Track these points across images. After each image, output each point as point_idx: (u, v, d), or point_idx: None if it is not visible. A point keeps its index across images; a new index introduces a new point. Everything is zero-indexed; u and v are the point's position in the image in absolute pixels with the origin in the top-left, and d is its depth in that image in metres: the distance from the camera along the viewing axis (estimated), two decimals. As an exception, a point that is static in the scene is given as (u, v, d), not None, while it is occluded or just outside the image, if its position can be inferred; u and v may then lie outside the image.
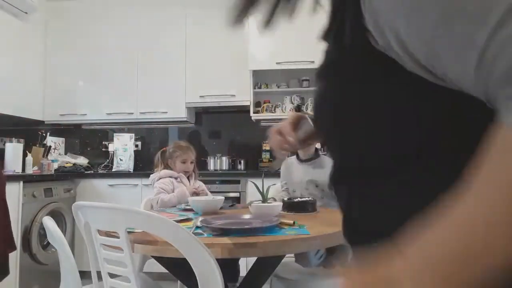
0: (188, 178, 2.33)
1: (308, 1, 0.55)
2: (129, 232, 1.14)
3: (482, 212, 0.28)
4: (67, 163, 3.72)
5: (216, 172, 3.74)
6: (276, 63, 3.58)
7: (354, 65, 0.44)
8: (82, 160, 3.89)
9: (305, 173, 2.05)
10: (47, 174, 3.31)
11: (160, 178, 2.24)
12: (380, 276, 0.33)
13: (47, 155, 3.54)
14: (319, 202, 1.83)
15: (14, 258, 2.72)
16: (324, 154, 2.15)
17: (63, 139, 4.09)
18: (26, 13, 3.59)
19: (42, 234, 2.91)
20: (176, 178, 2.27)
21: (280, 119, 3.88)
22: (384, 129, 0.42)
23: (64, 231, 3.19)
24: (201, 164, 3.68)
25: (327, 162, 2.03)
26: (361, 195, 0.46)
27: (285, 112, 3.75)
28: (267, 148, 3.82)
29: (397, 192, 0.42)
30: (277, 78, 3.92)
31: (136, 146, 4.04)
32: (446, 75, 0.34)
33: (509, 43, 0.28)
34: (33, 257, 2.88)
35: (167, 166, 2.32)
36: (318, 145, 3.23)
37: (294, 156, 2.15)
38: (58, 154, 3.93)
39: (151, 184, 2.30)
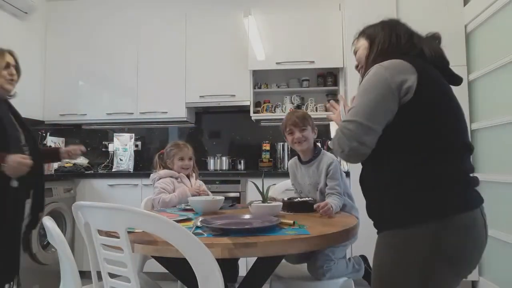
0: (188, 177, 2.33)
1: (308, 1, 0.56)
2: (129, 232, 1.14)
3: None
4: (67, 163, 3.72)
5: (216, 172, 3.74)
6: (276, 63, 3.59)
7: None
8: (82, 160, 3.89)
9: (307, 175, 2.02)
10: (47, 174, 3.31)
11: (161, 178, 2.24)
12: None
13: (47, 155, 3.53)
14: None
15: (14, 258, 2.71)
16: (322, 150, 2.05)
17: (63, 139, 4.09)
18: (26, 13, 3.59)
19: (42, 234, 2.91)
20: (176, 178, 2.26)
21: (280, 119, 3.89)
22: None
23: (64, 231, 3.19)
24: (201, 164, 3.68)
25: (325, 162, 1.95)
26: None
27: (285, 112, 3.74)
28: (267, 148, 3.82)
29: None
30: (277, 78, 3.93)
31: (136, 146, 4.05)
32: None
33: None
34: (33, 257, 2.88)
35: (166, 168, 2.32)
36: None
37: (297, 157, 2.11)
38: (58, 154, 3.93)
39: (151, 184, 2.29)
